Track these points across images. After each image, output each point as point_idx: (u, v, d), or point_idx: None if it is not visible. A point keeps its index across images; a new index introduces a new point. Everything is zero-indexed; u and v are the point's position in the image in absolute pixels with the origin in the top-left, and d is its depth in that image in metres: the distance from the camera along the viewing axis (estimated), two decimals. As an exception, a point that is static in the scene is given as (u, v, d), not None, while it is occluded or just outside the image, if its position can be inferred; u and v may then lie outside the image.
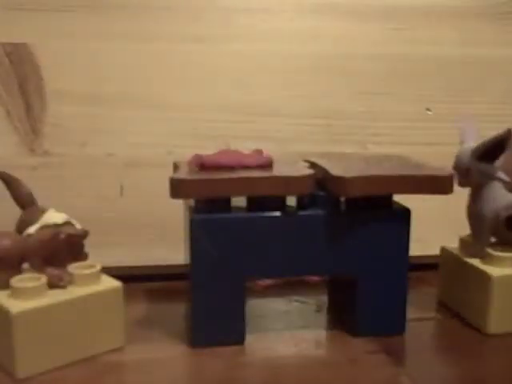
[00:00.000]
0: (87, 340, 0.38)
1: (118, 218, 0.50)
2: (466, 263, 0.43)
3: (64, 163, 0.49)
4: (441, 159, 0.52)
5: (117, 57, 0.49)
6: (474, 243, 0.44)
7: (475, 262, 0.43)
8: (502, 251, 0.42)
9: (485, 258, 0.43)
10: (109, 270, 0.40)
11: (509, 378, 0.37)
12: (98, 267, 0.39)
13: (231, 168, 0.39)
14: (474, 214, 0.43)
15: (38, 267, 0.38)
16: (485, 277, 0.41)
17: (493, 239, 0.44)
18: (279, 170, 0.39)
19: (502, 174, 0.42)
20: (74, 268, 0.38)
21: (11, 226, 0.41)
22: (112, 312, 0.39)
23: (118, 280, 0.39)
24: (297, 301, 0.47)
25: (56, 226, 0.38)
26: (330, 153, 0.51)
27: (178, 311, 0.45)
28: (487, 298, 0.41)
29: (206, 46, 0.50)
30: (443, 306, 0.46)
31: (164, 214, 0.49)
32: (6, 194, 0.42)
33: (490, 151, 0.41)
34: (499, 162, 0.42)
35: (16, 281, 0.36)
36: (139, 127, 0.50)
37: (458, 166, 0.43)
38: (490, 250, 0.42)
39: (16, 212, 0.41)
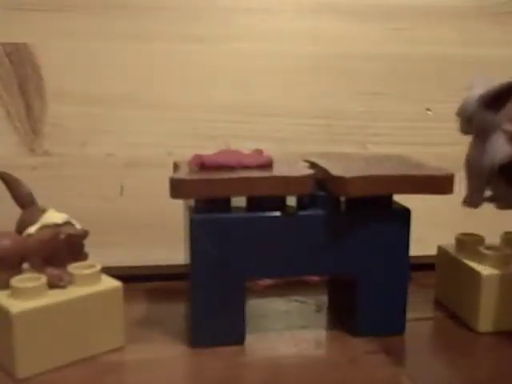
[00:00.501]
0: (87, 340, 0.38)
1: (118, 218, 0.50)
2: (459, 262, 0.44)
3: (64, 163, 0.49)
4: (441, 159, 0.52)
5: (117, 57, 0.49)
6: (469, 192, 0.43)
7: (468, 260, 0.43)
8: (494, 250, 0.43)
9: (477, 206, 0.42)
10: (109, 270, 0.40)
11: (504, 377, 0.37)
12: (98, 267, 0.39)
13: (231, 168, 0.39)
14: (472, 162, 0.42)
15: (38, 267, 0.38)
16: (475, 275, 0.42)
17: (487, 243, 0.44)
18: (279, 170, 0.39)
19: (505, 124, 0.40)
20: (73, 268, 0.38)
21: (11, 226, 0.41)
22: (112, 312, 0.39)
23: (118, 280, 0.39)
24: (297, 301, 0.47)
25: (56, 225, 0.38)
26: (330, 153, 0.51)
27: (178, 311, 0.45)
28: (477, 297, 0.41)
29: (206, 46, 0.50)
30: (440, 305, 0.46)
31: (164, 213, 0.49)
32: (6, 194, 0.42)
33: (496, 99, 0.40)
34: (504, 112, 0.40)
35: (16, 281, 0.36)
36: (139, 127, 0.50)
37: (462, 112, 0.41)
38: (482, 249, 0.43)
39: (16, 212, 0.41)
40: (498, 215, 0.54)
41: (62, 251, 0.38)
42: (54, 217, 0.39)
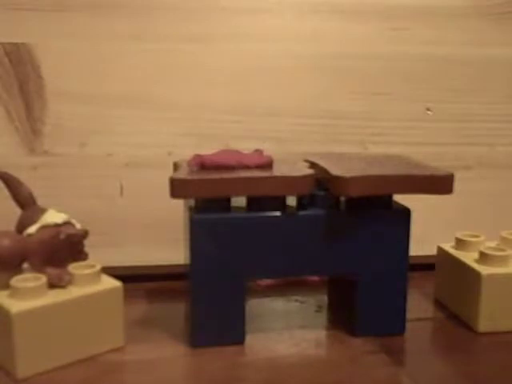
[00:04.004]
0: (87, 340, 0.38)
1: (118, 218, 0.50)
2: (459, 262, 0.44)
3: (64, 163, 0.49)
4: (441, 159, 0.52)
5: (117, 57, 0.49)
6: None
7: (468, 260, 0.43)
8: (494, 250, 0.43)
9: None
10: (109, 270, 0.40)
11: (504, 377, 0.37)
12: (98, 267, 0.39)
13: (231, 168, 0.39)
14: None
15: (38, 267, 0.38)
16: (475, 275, 0.42)
17: (487, 243, 0.44)
18: (279, 170, 0.39)
19: None
20: (73, 268, 0.38)
21: (11, 226, 0.41)
22: (112, 312, 0.39)
23: (118, 280, 0.39)
24: (297, 301, 0.47)
25: (56, 225, 0.38)
26: (330, 153, 0.51)
27: (178, 311, 0.45)
28: (477, 297, 0.41)
29: (206, 46, 0.50)
30: (440, 305, 0.46)
31: (164, 213, 0.49)
32: (6, 194, 0.42)
33: None
34: None
35: (16, 281, 0.36)
36: (139, 127, 0.50)
37: None
38: (482, 249, 0.43)
39: (16, 212, 0.41)
40: (497, 215, 0.55)
41: (62, 251, 0.38)
42: (54, 217, 0.39)
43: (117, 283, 0.39)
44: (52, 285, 0.37)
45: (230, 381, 0.36)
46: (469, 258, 0.43)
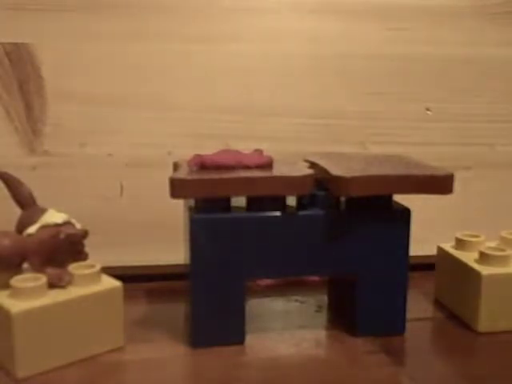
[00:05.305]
0: (87, 340, 0.38)
1: (118, 218, 0.50)
2: (459, 262, 0.44)
3: (64, 163, 0.49)
4: (441, 159, 0.52)
5: (117, 57, 0.49)
6: None
7: (468, 260, 0.43)
8: (494, 250, 0.43)
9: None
10: (109, 270, 0.40)
11: (504, 377, 0.37)
12: (98, 267, 0.39)
13: (231, 168, 0.39)
14: None
15: (38, 267, 0.38)
16: (475, 275, 0.42)
17: (487, 243, 0.44)
18: (279, 170, 0.39)
19: None
20: (73, 268, 0.38)
21: (11, 226, 0.41)
22: (112, 312, 0.39)
23: (118, 280, 0.39)
24: (297, 301, 0.47)
25: (56, 225, 0.38)
26: (330, 153, 0.51)
27: (178, 311, 0.45)
28: (477, 297, 0.41)
29: (206, 46, 0.50)
30: (440, 305, 0.46)
31: (164, 213, 0.49)
32: (6, 194, 0.42)
33: None
34: None
35: (16, 281, 0.36)
36: (139, 127, 0.50)
37: None
38: (482, 249, 0.43)
39: (16, 212, 0.41)
40: (497, 215, 0.55)
41: (62, 251, 0.38)
42: (54, 217, 0.39)
43: (117, 283, 0.39)
44: (52, 285, 0.37)
45: (230, 381, 0.36)
46: (469, 258, 0.43)
